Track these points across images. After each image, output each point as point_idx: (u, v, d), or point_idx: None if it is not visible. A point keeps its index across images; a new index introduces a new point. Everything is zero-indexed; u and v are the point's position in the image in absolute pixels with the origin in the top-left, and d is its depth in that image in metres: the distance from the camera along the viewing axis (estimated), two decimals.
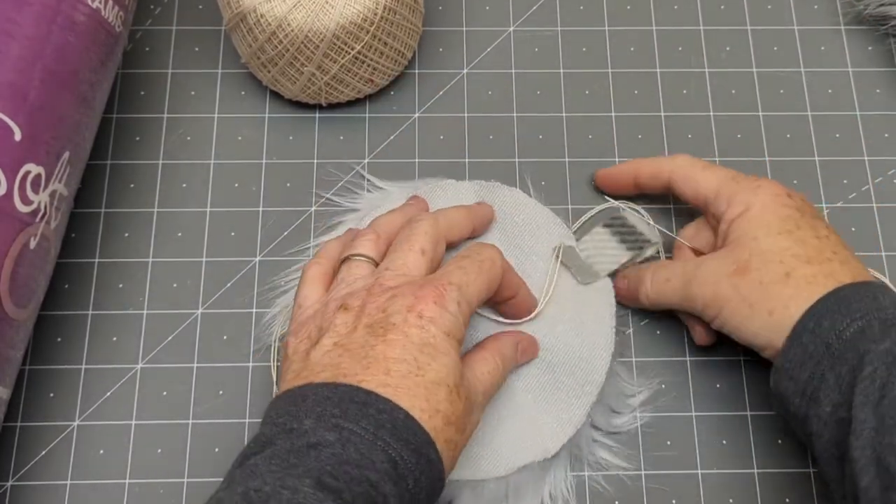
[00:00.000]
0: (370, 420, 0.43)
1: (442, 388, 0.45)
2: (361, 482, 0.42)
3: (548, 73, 0.65)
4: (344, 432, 0.42)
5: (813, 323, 0.48)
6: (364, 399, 0.44)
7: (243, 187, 0.62)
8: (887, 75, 0.66)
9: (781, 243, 0.51)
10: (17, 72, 0.49)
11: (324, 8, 0.56)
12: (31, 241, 0.50)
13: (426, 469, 0.44)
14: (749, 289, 0.50)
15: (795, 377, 0.48)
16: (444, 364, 0.45)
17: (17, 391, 0.56)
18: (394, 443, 0.43)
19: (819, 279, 0.49)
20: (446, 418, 0.45)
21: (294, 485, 0.40)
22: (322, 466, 0.41)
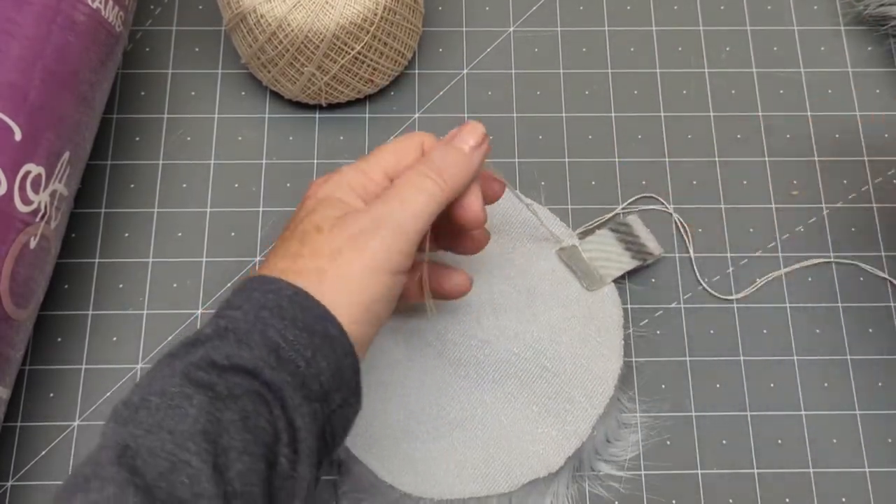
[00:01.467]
0: (253, 303, 0.41)
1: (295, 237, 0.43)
2: (235, 371, 0.39)
3: (548, 73, 0.65)
4: (221, 321, 0.40)
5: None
6: (254, 285, 0.42)
7: (243, 187, 0.62)
8: (887, 75, 0.66)
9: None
10: (17, 72, 0.49)
11: (324, 8, 0.56)
12: (31, 241, 0.50)
13: (322, 345, 0.41)
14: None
15: None
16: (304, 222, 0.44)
17: (17, 391, 0.56)
18: (276, 322, 0.40)
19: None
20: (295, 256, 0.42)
21: (162, 387, 0.38)
22: (194, 361, 0.39)
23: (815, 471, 0.56)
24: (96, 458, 0.37)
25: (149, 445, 0.37)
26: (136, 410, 0.38)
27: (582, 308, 0.56)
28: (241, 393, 0.39)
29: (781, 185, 0.62)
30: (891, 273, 0.60)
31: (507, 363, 0.55)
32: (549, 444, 0.53)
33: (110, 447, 0.37)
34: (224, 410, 0.38)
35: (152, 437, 0.37)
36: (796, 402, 0.57)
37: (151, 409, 0.38)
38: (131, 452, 0.37)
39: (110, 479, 0.36)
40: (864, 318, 0.59)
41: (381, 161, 0.46)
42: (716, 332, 0.59)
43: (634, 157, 0.63)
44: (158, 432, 0.37)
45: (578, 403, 0.54)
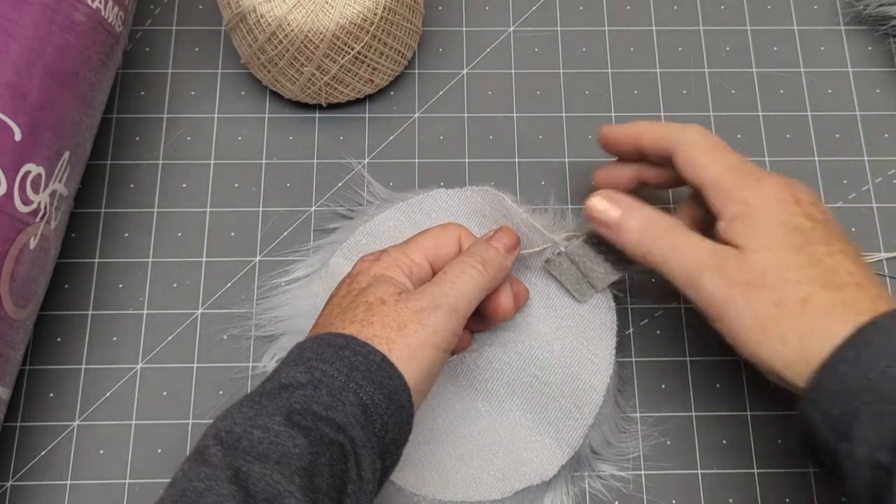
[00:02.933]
0: (344, 362, 0.44)
1: (360, 306, 0.47)
2: (329, 423, 0.42)
3: (548, 73, 0.65)
4: (316, 373, 0.44)
5: (851, 354, 0.44)
6: (342, 343, 0.45)
7: (243, 187, 0.62)
8: (887, 75, 0.66)
9: (795, 259, 0.47)
10: (17, 72, 0.49)
11: (324, 8, 0.56)
12: (31, 241, 0.50)
13: (395, 413, 0.45)
14: (763, 309, 0.46)
15: (827, 410, 0.44)
16: (360, 292, 0.48)
17: (17, 391, 0.56)
18: (366, 385, 0.44)
19: (837, 308, 0.45)
20: (364, 321, 0.46)
21: (265, 423, 0.42)
22: (291, 405, 0.42)
23: (815, 471, 0.56)
24: (209, 475, 0.40)
25: (258, 472, 0.40)
26: (238, 439, 0.41)
27: (574, 317, 0.56)
28: (329, 442, 0.42)
29: None
30: (891, 273, 0.60)
31: (499, 372, 0.55)
32: (543, 453, 0.53)
33: (222, 467, 0.40)
34: (320, 455, 0.42)
35: (261, 465, 0.40)
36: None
37: (254, 440, 0.41)
38: (243, 475, 0.40)
39: (228, 497, 0.39)
40: None
41: (421, 246, 0.51)
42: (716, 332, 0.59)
43: None
44: (266, 462, 0.40)
45: (570, 413, 0.54)
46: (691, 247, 0.49)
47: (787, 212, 0.48)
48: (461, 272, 0.49)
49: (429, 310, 0.47)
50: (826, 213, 0.49)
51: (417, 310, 0.47)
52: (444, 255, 0.52)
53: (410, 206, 0.58)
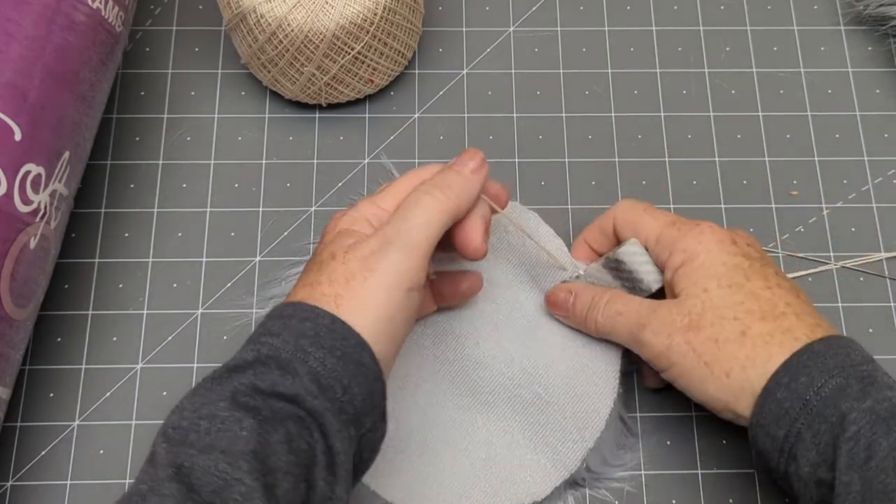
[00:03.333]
0: (291, 332, 0.43)
1: (313, 266, 0.46)
2: (279, 398, 0.41)
3: (548, 73, 0.65)
4: (263, 349, 0.42)
5: (788, 378, 0.46)
6: (290, 312, 0.44)
7: (243, 187, 0.62)
8: (887, 75, 0.66)
9: (734, 297, 0.49)
10: (17, 72, 0.49)
11: (324, 8, 0.56)
12: (31, 241, 0.50)
13: (356, 374, 0.43)
14: (703, 347, 0.48)
15: (772, 434, 0.46)
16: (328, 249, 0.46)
17: (17, 391, 0.56)
18: (315, 351, 0.42)
19: (776, 337, 0.47)
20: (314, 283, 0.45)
21: (210, 411, 0.40)
22: (236, 387, 0.41)
23: None
24: (152, 475, 0.39)
25: (202, 464, 0.39)
26: (186, 433, 0.40)
27: (581, 339, 0.55)
28: (284, 416, 0.41)
29: (781, 185, 0.62)
30: (891, 273, 0.60)
31: (502, 387, 0.55)
32: (538, 472, 0.53)
33: (165, 465, 0.39)
34: (272, 433, 0.40)
35: (205, 456, 0.39)
36: None
37: (201, 432, 0.40)
38: (186, 471, 0.39)
39: (170, 496, 0.38)
40: (864, 318, 0.59)
41: (392, 193, 0.49)
42: None
43: (634, 157, 0.63)
44: (211, 452, 0.39)
45: (570, 435, 0.53)
46: (630, 308, 0.52)
47: (726, 252, 0.50)
48: (415, 202, 0.47)
49: (378, 252, 0.45)
50: (762, 252, 0.52)
51: (366, 256, 0.45)
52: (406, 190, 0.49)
53: None
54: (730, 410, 0.48)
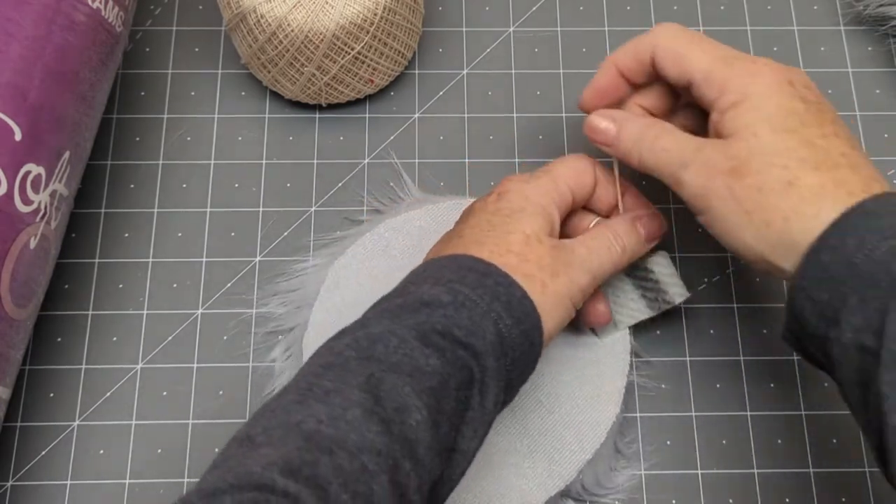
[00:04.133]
0: (487, 290, 0.44)
1: (515, 235, 0.47)
2: (466, 348, 0.43)
3: (548, 73, 0.65)
4: (459, 296, 0.43)
5: (835, 239, 0.43)
6: (484, 270, 0.45)
7: (243, 187, 0.62)
8: (887, 76, 0.66)
9: (785, 143, 0.45)
10: (17, 72, 0.49)
11: (324, 8, 0.56)
12: (32, 241, 0.50)
13: (527, 350, 0.45)
14: (745, 194, 0.45)
15: (814, 297, 0.43)
16: (515, 219, 0.48)
17: (17, 391, 0.56)
18: (506, 317, 0.44)
19: (827, 189, 0.44)
20: (521, 255, 0.46)
21: (403, 334, 0.42)
22: (432, 324, 0.43)
23: (815, 471, 0.56)
24: (340, 376, 0.40)
25: (391, 381, 0.40)
26: (374, 342, 0.42)
27: (589, 350, 0.55)
28: (461, 366, 0.42)
29: None
30: None
31: None
32: (534, 481, 0.52)
33: (355, 372, 0.41)
34: (450, 378, 0.42)
35: (394, 375, 0.41)
36: (796, 402, 0.57)
37: (390, 348, 0.42)
38: (375, 381, 0.40)
39: (357, 403, 0.39)
40: None
41: (566, 176, 0.51)
42: (716, 332, 0.59)
43: None
44: (399, 373, 0.41)
45: (568, 445, 0.53)
46: (677, 145, 0.48)
47: (781, 94, 0.47)
48: (607, 248, 0.50)
49: (578, 268, 0.48)
50: (819, 96, 0.48)
51: (568, 263, 0.48)
52: (583, 185, 0.52)
53: (440, 210, 0.58)
54: (765, 261, 0.46)
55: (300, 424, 0.39)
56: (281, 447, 0.38)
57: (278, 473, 0.36)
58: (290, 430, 0.38)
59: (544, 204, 0.49)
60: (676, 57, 0.49)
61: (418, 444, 0.40)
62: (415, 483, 0.40)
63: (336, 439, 0.38)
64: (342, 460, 0.38)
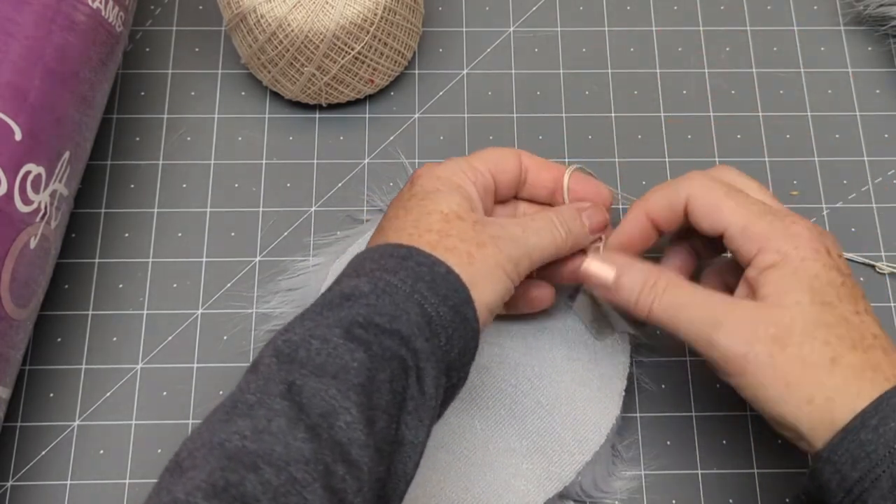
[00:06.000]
0: (408, 272, 0.43)
1: (433, 215, 0.46)
2: (392, 335, 0.42)
3: (548, 74, 0.65)
4: (380, 283, 0.43)
5: (876, 420, 0.42)
6: (405, 253, 0.44)
7: (243, 187, 0.62)
8: (887, 76, 0.66)
9: (825, 317, 0.44)
10: (17, 72, 0.49)
11: (324, 8, 0.56)
12: (32, 241, 0.50)
13: (460, 327, 0.44)
14: (789, 366, 0.44)
15: (844, 473, 0.43)
16: (431, 199, 0.47)
17: (17, 391, 0.56)
18: (431, 297, 0.43)
19: (866, 372, 0.43)
20: (441, 232, 0.45)
21: (324, 334, 0.41)
22: (353, 317, 0.42)
23: None
24: (262, 388, 0.39)
25: (313, 386, 0.39)
26: (296, 348, 0.40)
27: (588, 352, 0.55)
28: (390, 356, 0.41)
29: (781, 185, 0.62)
30: (891, 273, 0.60)
31: (503, 392, 0.54)
32: (532, 482, 0.52)
33: (275, 381, 0.39)
34: (379, 371, 0.41)
35: (317, 379, 0.39)
36: None
37: (312, 351, 0.40)
38: (296, 389, 0.39)
39: (281, 412, 0.38)
40: None
41: (482, 158, 0.50)
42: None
43: (634, 157, 0.63)
44: (322, 376, 0.40)
45: (567, 446, 0.53)
46: (701, 303, 0.47)
47: (821, 264, 0.46)
48: (547, 230, 0.48)
49: (507, 240, 0.47)
50: (848, 267, 0.47)
51: (495, 236, 0.46)
52: (504, 169, 0.50)
53: None
54: (797, 435, 0.45)
55: (224, 443, 0.38)
56: (205, 469, 0.37)
57: (202, 498, 0.36)
58: (212, 449, 0.37)
59: (458, 182, 0.48)
60: (711, 210, 0.48)
61: (351, 445, 0.39)
62: (353, 486, 0.39)
63: (261, 454, 0.37)
64: (269, 475, 0.37)
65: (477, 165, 0.50)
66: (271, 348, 0.41)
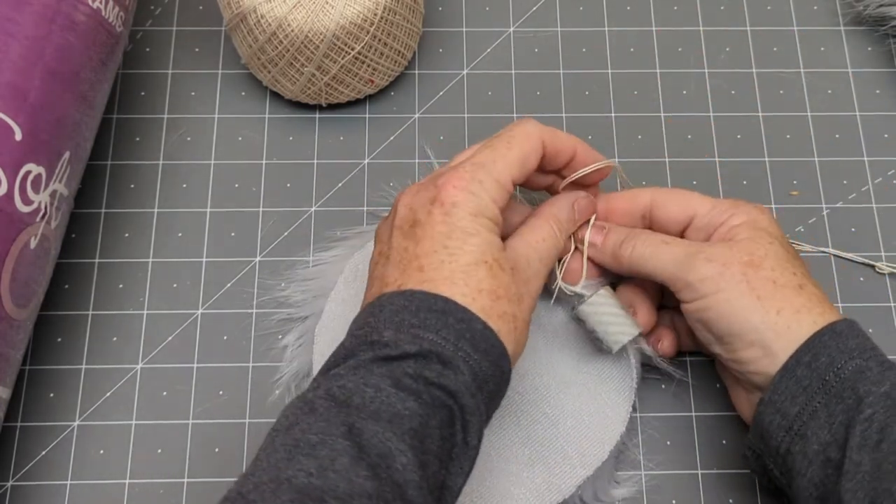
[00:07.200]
0: (450, 330, 0.44)
1: (480, 267, 0.46)
2: (441, 389, 0.43)
3: (548, 74, 0.65)
4: (425, 344, 0.43)
5: (809, 356, 0.47)
6: (443, 307, 0.44)
7: (243, 187, 0.62)
8: (887, 76, 0.66)
9: (793, 258, 0.50)
10: (17, 72, 0.49)
11: (324, 8, 0.56)
12: (32, 241, 0.50)
13: (499, 379, 0.45)
14: (760, 283, 0.48)
15: (784, 410, 0.47)
16: (474, 245, 0.46)
17: (17, 391, 0.56)
18: (473, 353, 0.44)
19: (825, 305, 0.49)
20: (493, 293, 0.45)
21: (376, 383, 0.42)
22: (402, 370, 0.43)
23: None
24: (323, 429, 0.41)
25: (371, 429, 0.41)
26: (350, 395, 0.42)
27: (597, 366, 0.55)
28: (440, 405, 0.43)
29: (781, 185, 0.62)
30: (891, 273, 0.60)
31: (509, 400, 0.54)
32: (532, 491, 0.52)
33: (336, 422, 0.41)
34: (430, 417, 0.42)
35: (373, 423, 0.41)
36: None
37: (366, 398, 0.42)
38: (357, 431, 0.41)
39: (343, 452, 0.40)
40: (864, 318, 0.59)
41: (510, 169, 0.49)
42: None
43: (635, 157, 0.63)
44: (378, 420, 0.41)
45: (570, 459, 0.53)
46: (679, 241, 0.52)
47: (780, 231, 0.52)
48: (552, 237, 0.50)
49: (533, 277, 0.48)
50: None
51: (527, 280, 0.48)
52: (528, 171, 0.50)
53: None
54: (762, 346, 0.48)
55: (291, 479, 0.39)
56: (273, 502, 0.38)
57: None
58: (280, 484, 0.39)
59: (491, 217, 0.47)
60: (681, 199, 0.53)
61: (408, 485, 0.40)
62: None
63: (326, 489, 0.39)
64: None
65: (503, 181, 0.48)
66: (323, 391, 0.42)
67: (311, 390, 0.43)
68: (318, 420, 0.41)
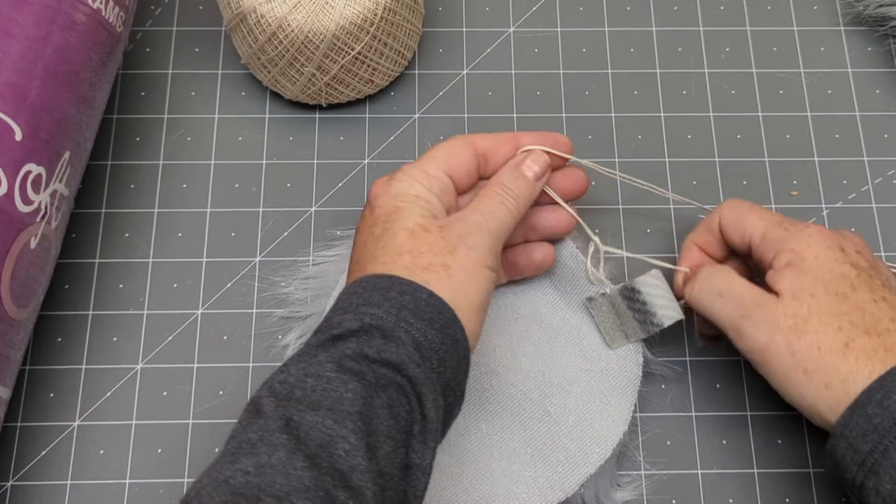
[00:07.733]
0: (392, 303, 0.44)
1: (399, 235, 0.47)
2: (384, 364, 0.43)
3: (548, 74, 0.65)
4: (366, 318, 0.44)
5: (881, 395, 0.46)
6: (386, 284, 0.45)
7: (243, 187, 0.62)
8: (887, 76, 0.66)
9: (839, 307, 0.48)
10: (17, 72, 0.49)
11: (324, 8, 0.56)
12: (32, 241, 0.50)
13: (450, 348, 0.45)
14: (805, 354, 0.48)
15: (855, 446, 0.46)
16: (392, 220, 0.48)
17: (17, 391, 0.56)
18: (416, 322, 0.44)
19: (879, 354, 0.47)
20: (413, 252, 0.46)
21: (317, 371, 0.42)
22: (343, 351, 0.43)
23: (815, 471, 0.56)
24: (262, 426, 0.41)
25: (310, 420, 0.41)
26: (292, 389, 0.42)
27: (601, 363, 0.55)
28: (386, 383, 0.43)
29: (781, 185, 0.63)
30: None
31: (511, 398, 0.54)
32: (534, 490, 0.52)
33: (274, 418, 0.41)
34: (375, 397, 0.42)
35: (313, 413, 0.41)
36: None
37: (307, 389, 0.42)
38: (294, 424, 0.41)
39: (280, 445, 0.40)
40: None
41: (434, 159, 0.51)
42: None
43: (635, 157, 0.63)
44: (318, 409, 0.41)
45: (572, 457, 0.53)
46: (735, 293, 0.51)
47: (833, 259, 0.50)
48: (499, 204, 0.50)
49: (473, 233, 0.48)
50: (872, 260, 0.51)
51: (463, 235, 0.48)
52: (459, 163, 0.51)
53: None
54: (824, 420, 0.48)
55: (228, 480, 0.39)
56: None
57: None
58: (218, 486, 0.39)
59: (415, 193, 0.49)
60: (736, 224, 0.53)
61: (352, 471, 0.40)
62: None
63: (263, 487, 0.39)
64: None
65: (429, 170, 0.50)
66: (267, 389, 0.43)
67: (258, 389, 0.44)
68: (258, 418, 0.41)
